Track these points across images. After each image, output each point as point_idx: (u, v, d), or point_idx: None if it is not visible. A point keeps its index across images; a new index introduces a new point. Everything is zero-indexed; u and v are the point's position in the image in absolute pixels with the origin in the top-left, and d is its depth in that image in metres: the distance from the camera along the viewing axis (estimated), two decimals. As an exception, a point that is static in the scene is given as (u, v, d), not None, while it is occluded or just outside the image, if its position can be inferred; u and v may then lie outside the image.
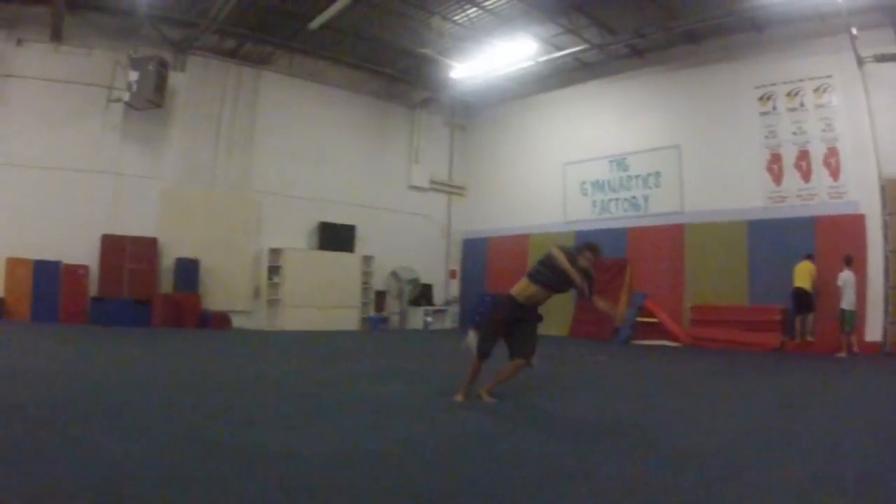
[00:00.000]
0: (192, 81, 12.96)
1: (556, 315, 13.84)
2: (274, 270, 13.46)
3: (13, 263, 11.80)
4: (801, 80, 11.45)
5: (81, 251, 12.01)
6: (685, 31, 12.20)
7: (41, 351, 7.87)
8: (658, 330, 12.39)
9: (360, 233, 14.50)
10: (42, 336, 9.53)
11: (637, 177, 13.75)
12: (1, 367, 6.06)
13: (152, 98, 11.93)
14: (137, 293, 11.95)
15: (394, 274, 14.49)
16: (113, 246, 12.03)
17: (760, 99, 11.99)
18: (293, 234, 13.87)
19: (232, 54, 13.34)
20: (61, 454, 2.96)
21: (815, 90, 11.32)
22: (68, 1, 11.61)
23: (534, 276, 4.93)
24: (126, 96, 12.02)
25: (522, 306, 4.91)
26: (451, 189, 16.22)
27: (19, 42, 12.57)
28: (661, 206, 13.34)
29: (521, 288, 4.93)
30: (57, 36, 12.25)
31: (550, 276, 4.84)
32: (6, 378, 5.36)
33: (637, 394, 6.09)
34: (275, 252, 13.49)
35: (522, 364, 4.90)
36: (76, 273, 11.98)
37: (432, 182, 15.57)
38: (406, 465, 3.06)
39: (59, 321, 11.76)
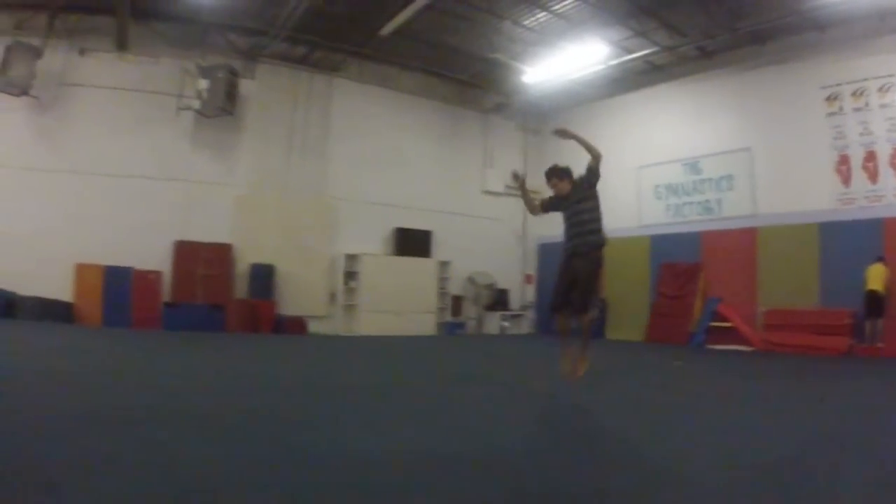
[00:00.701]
0: (263, 89, 13.08)
1: (632, 320, 13.52)
2: (350, 276, 13.41)
3: (83, 269, 11.99)
4: (866, 80, 11.05)
5: (153, 257, 12.14)
6: (751, 31, 11.90)
7: (116, 355, 7.86)
8: (732, 334, 12.00)
9: (437, 238, 14.38)
10: (116, 341, 9.55)
11: (710, 180, 13.38)
12: (78, 372, 5.98)
13: (223, 105, 12.07)
14: (211, 298, 11.98)
15: (470, 279, 14.35)
16: (186, 252, 12.12)
17: (827, 99, 11.59)
18: (369, 240, 13.84)
19: (302, 61, 13.40)
20: (145, 460, 2.83)
21: (879, 89, 10.93)
22: (132, 11, 11.88)
23: None
24: (196, 104, 12.17)
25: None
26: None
27: (82, 52, 12.93)
28: (734, 210, 12.97)
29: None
30: (123, 45, 12.55)
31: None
32: (84, 383, 5.27)
33: (714, 398, 5.83)
34: (351, 258, 13.45)
35: (586, 319, 4.95)
36: (148, 279, 12.08)
37: (507, 187, 15.32)
38: (499, 469, 2.91)
39: (131, 326, 11.85)
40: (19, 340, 8.67)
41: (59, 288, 11.92)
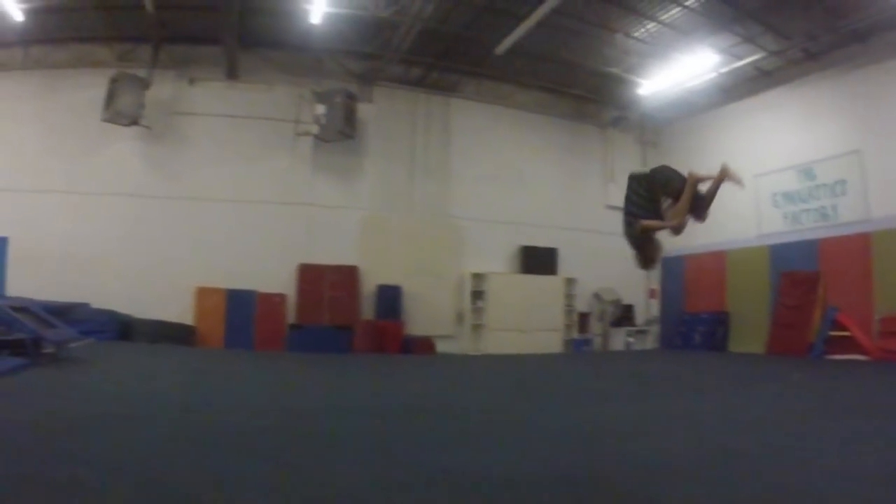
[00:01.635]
0: (381, 111, 13.20)
1: (753, 332, 13.26)
2: (477, 295, 13.34)
3: (203, 293, 12.08)
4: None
5: (277, 280, 12.22)
6: (852, 30, 11.63)
7: (242, 376, 7.96)
8: (850, 344, 11.66)
9: (562, 255, 14.24)
10: (241, 362, 9.69)
11: (824, 185, 13.12)
12: (205, 392, 6.07)
13: (343, 130, 12.13)
14: (337, 320, 11.99)
15: (596, 295, 14.21)
16: (311, 274, 12.15)
17: (936, 94, 11.37)
18: (495, 259, 13.79)
19: (418, 83, 13.52)
20: (279, 483, 2.80)
21: None
22: (240, 40, 12.00)
23: None
24: (315, 129, 12.24)
25: None
26: None
27: (192, 81, 13.12)
28: (849, 215, 12.68)
29: None
30: (233, 74, 12.72)
31: None
32: (214, 405, 5.30)
33: (835, 410, 5.57)
34: (477, 276, 13.39)
35: None
36: (272, 301, 12.13)
37: None
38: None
39: (254, 348, 11.84)
40: (144, 363, 8.83)
41: (178, 311, 12.04)
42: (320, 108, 12.11)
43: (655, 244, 5.08)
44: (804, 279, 13.00)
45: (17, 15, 11.11)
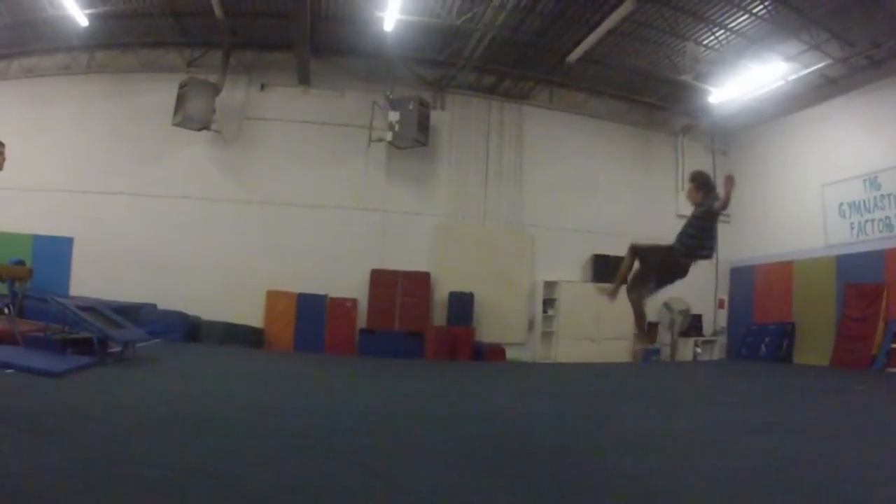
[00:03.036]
0: (454, 119, 13.30)
1: (818, 343, 13.19)
2: (549, 303, 13.31)
3: (274, 296, 12.18)
4: None
5: (348, 285, 12.31)
6: None
7: (315, 379, 8.07)
8: None
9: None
10: (313, 365, 9.72)
11: (889, 195, 13.10)
12: (279, 394, 6.15)
13: (416, 137, 12.20)
14: (409, 325, 12.01)
15: (666, 304, 14.16)
16: (383, 280, 12.21)
17: None
18: (567, 267, 13.74)
19: (491, 91, 13.57)
20: (367, 489, 2.81)
21: None
22: (312, 47, 12.12)
23: None
24: (388, 136, 12.31)
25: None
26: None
27: (263, 87, 13.26)
28: (914, 226, 12.69)
29: None
30: (305, 80, 12.85)
31: None
32: (287, 406, 5.34)
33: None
34: (549, 285, 13.36)
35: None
36: (344, 306, 12.20)
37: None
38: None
39: (324, 352, 11.88)
40: (213, 363, 8.94)
41: (247, 313, 12.11)
42: (394, 115, 12.17)
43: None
44: (869, 291, 12.90)
45: (82, 20, 11.28)
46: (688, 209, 16.96)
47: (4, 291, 8.39)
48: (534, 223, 13.65)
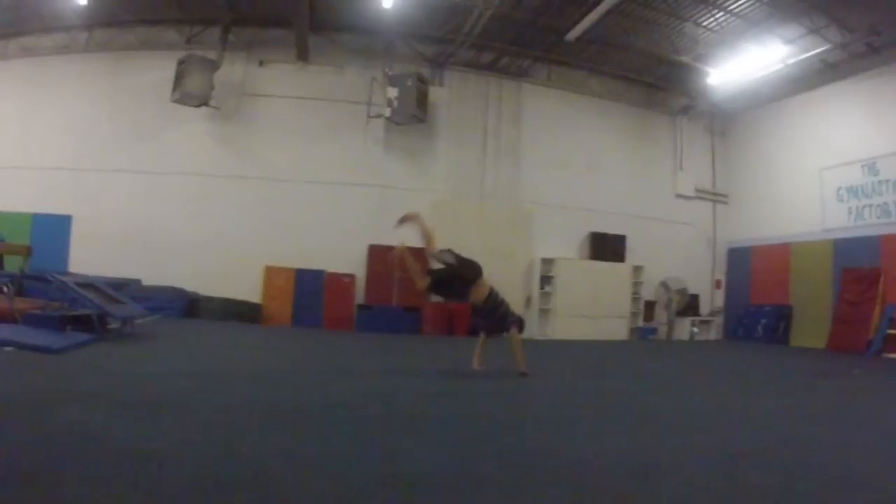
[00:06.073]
0: (452, 95, 13.28)
1: (815, 326, 13.21)
2: (546, 280, 13.29)
3: (272, 272, 12.19)
4: None
5: (346, 260, 12.32)
6: None
7: (314, 354, 8.06)
8: None
9: (630, 242, 14.18)
10: (311, 340, 9.71)
11: (887, 181, 13.12)
12: (278, 368, 6.21)
13: (415, 113, 12.19)
14: (407, 301, 11.95)
15: (663, 284, 14.17)
16: (381, 255, 12.12)
17: None
18: (564, 244, 13.74)
19: (490, 67, 13.55)
20: (353, 456, 2.84)
21: None
22: (311, 23, 12.11)
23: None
24: (387, 112, 12.30)
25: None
26: (714, 197, 15.84)
27: (262, 63, 13.25)
28: (911, 212, 12.69)
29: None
30: (304, 56, 12.84)
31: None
32: (287, 381, 5.31)
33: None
34: (547, 262, 13.34)
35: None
36: (341, 281, 12.19)
37: (697, 190, 15.19)
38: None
39: (322, 327, 11.87)
40: (212, 339, 8.90)
41: (245, 289, 12.11)
42: (392, 91, 12.16)
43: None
44: (865, 276, 12.93)
45: None
46: (687, 190, 16.95)
47: (10, 269, 8.39)
48: (531, 200, 13.63)
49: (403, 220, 6.48)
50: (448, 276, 6.31)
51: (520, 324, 6.30)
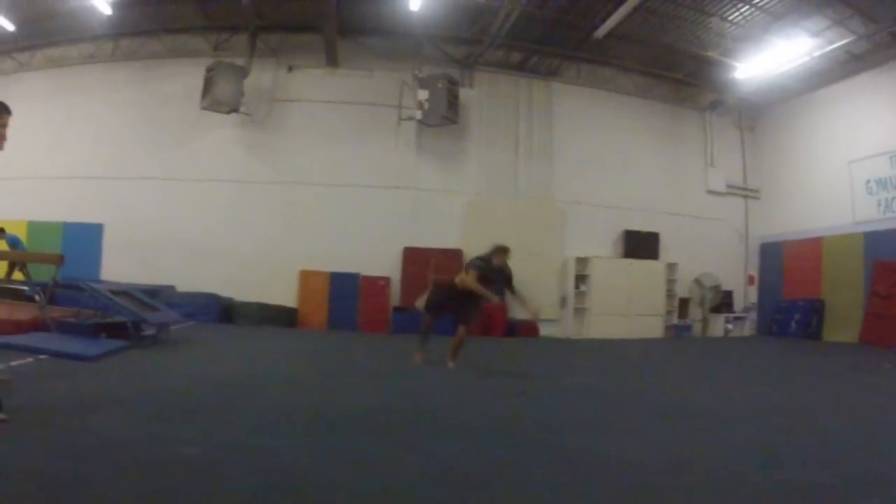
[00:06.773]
0: (483, 96, 13.31)
1: (847, 321, 13.16)
2: (581, 279, 13.29)
3: (307, 276, 12.26)
4: None
5: (381, 263, 12.38)
6: None
7: (351, 358, 8.14)
8: None
9: (664, 240, 14.14)
10: (348, 344, 9.76)
11: (914, 173, 13.12)
12: (313, 372, 6.28)
13: (446, 114, 12.24)
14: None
15: (697, 281, 14.13)
16: (415, 258, 12.25)
17: None
18: (598, 243, 13.72)
19: (519, 67, 13.57)
20: (398, 459, 2.91)
21: None
22: (339, 27, 12.17)
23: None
24: (418, 114, 12.35)
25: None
26: (746, 193, 15.68)
27: (291, 69, 13.31)
28: (938, 204, 12.66)
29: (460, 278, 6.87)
30: (333, 61, 12.91)
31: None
32: (323, 385, 5.38)
33: None
34: (581, 261, 13.33)
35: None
36: (377, 284, 12.25)
37: (728, 186, 15.11)
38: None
39: (358, 330, 11.92)
40: (249, 344, 8.95)
41: (280, 294, 12.17)
42: (423, 94, 12.20)
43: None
44: (894, 269, 12.90)
45: (105, 8, 11.33)
46: (718, 186, 16.86)
47: (41, 278, 8.42)
48: (564, 199, 13.62)
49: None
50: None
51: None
